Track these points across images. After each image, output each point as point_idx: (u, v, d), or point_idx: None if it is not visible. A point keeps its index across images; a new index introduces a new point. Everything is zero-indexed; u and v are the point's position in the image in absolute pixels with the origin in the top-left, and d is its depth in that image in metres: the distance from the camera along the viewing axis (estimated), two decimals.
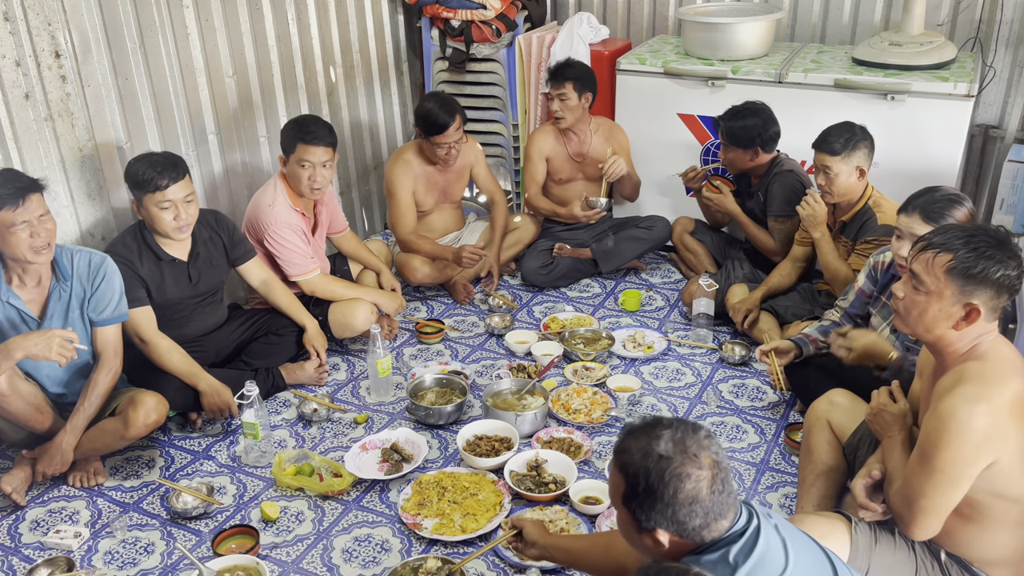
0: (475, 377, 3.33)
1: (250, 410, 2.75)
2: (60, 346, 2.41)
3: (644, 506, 1.46)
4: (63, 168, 3.02)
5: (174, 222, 2.85)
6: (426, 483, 2.66)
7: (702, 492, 1.44)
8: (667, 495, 1.43)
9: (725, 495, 1.46)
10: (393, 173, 3.81)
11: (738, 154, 3.54)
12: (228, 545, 2.46)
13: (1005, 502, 1.81)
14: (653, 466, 1.45)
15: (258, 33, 3.70)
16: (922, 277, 1.84)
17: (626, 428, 1.55)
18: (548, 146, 4.04)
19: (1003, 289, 1.79)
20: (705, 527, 1.45)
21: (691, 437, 1.48)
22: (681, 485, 1.43)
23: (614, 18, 4.70)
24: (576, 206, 3.97)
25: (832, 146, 3.04)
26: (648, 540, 1.50)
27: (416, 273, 3.84)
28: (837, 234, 3.21)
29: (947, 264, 1.80)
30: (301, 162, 3.24)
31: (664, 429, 1.49)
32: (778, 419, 3.02)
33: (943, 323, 1.84)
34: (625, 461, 1.49)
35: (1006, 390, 1.77)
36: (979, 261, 1.77)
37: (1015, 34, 3.90)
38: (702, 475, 1.44)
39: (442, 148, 3.68)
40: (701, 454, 1.46)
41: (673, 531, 1.46)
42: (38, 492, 2.72)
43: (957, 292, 1.80)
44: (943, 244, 1.82)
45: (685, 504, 1.43)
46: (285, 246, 3.30)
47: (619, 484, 1.51)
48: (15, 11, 2.76)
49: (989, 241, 1.80)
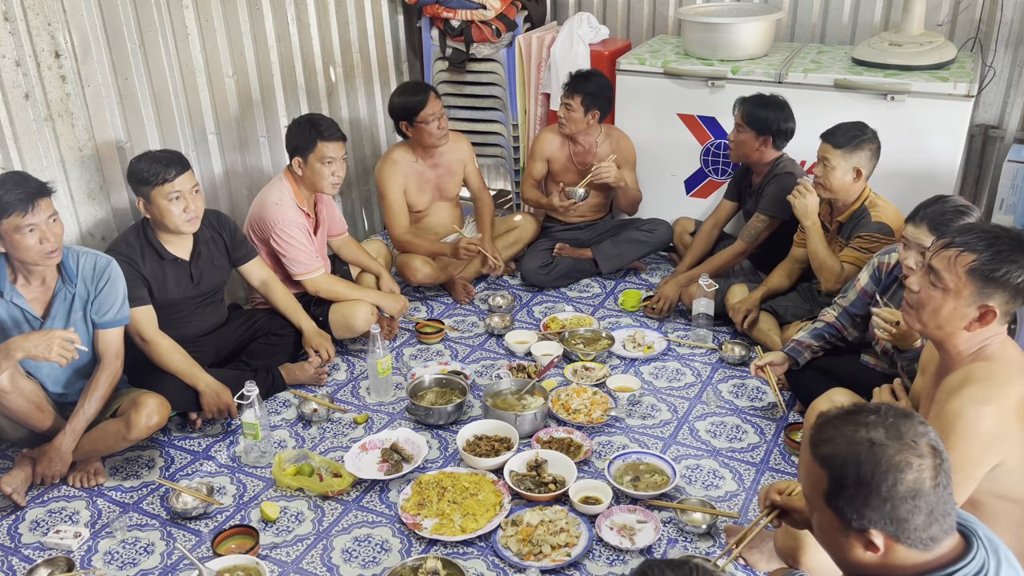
0: (475, 377, 3.33)
1: (250, 410, 2.75)
2: (60, 347, 2.41)
3: (855, 502, 1.27)
4: (63, 168, 3.02)
5: (184, 214, 2.85)
6: (426, 483, 2.66)
7: (925, 484, 1.25)
8: (884, 487, 1.24)
9: (948, 493, 1.28)
10: (382, 174, 3.82)
11: (749, 138, 3.51)
12: (228, 545, 2.46)
13: (1008, 503, 1.81)
14: (865, 454, 1.26)
15: (258, 33, 3.70)
16: (942, 274, 1.83)
17: (821, 417, 1.36)
18: (551, 148, 4.04)
19: (1020, 294, 1.78)
20: (927, 528, 1.27)
21: (905, 423, 1.29)
22: (901, 476, 1.24)
23: (614, 18, 4.70)
24: (555, 196, 3.96)
25: (837, 139, 3.05)
26: (858, 544, 1.30)
27: (416, 274, 3.84)
28: (834, 235, 3.21)
29: (969, 264, 1.79)
30: (324, 160, 3.27)
31: (871, 414, 1.31)
32: (778, 419, 3.02)
33: (956, 322, 1.83)
34: (828, 452, 1.30)
35: (1013, 392, 1.77)
36: (1002, 264, 1.77)
37: (1015, 34, 3.90)
38: (924, 464, 1.26)
39: (430, 124, 3.68)
40: (920, 441, 1.28)
41: (891, 532, 1.27)
42: (38, 492, 2.72)
43: (975, 293, 1.79)
44: (966, 244, 1.81)
45: (907, 498, 1.24)
46: (292, 244, 3.31)
47: (819, 480, 1.32)
48: (15, 11, 2.77)
49: (1013, 245, 1.79)
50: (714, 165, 4.10)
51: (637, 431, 2.98)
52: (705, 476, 2.73)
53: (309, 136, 3.26)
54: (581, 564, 2.38)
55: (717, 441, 2.91)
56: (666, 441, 2.92)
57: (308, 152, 3.28)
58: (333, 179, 3.32)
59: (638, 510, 2.53)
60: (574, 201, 3.94)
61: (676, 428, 2.99)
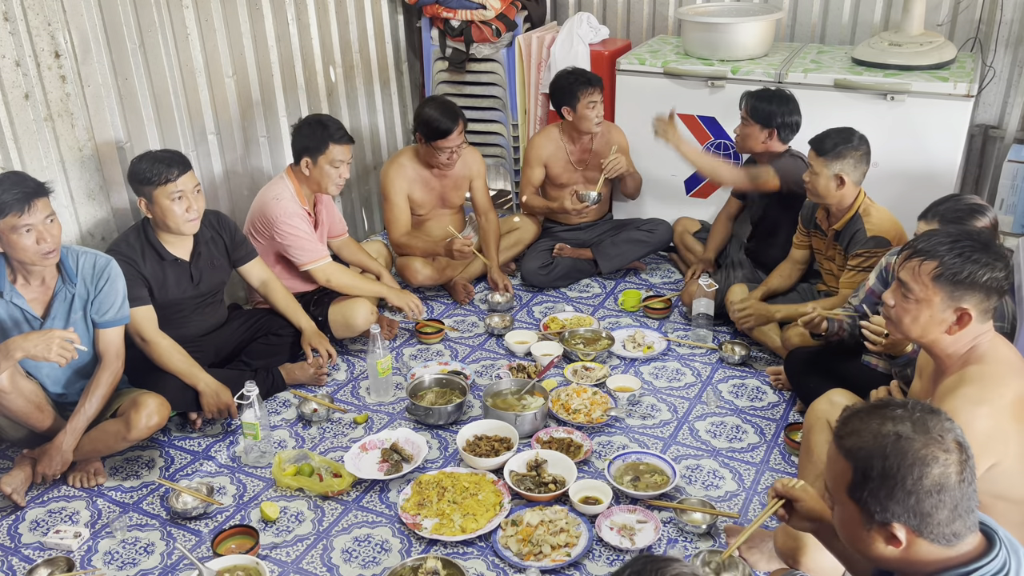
0: (475, 377, 3.33)
1: (250, 410, 2.75)
2: (60, 347, 2.40)
3: (879, 495, 1.27)
4: (63, 168, 3.02)
5: (187, 214, 2.86)
6: (426, 483, 2.66)
7: (951, 479, 1.25)
8: (909, 481, 1.24)
9: (972, 489, 1.27)
10: (388, 176, 3.83)
11: (754, 131, 3.49)
12: (228, 545, 2.46)
13: (1005, 503, 1.81)
14: (891, 447, 1.26)
15: (258, 33, 3.70)
16: (910, 285, 1.85)
17: (847, 411, 1.37)
18: (548, 151, 4.03)
19: (992, 291, 1.79)
20: (951, 523, 1.26)
21: (932, 418, 1.29)
22: (927, 470, 1.24)
23: (614, 18, 4.71)
24: (567, 199, 3.92)
25: (821, 145, 3.02)
26: (880, 538, 1.30)
27: (417, 275, 3.85)
28: (831, 241, 3.20)
29: (933, 271, 1.81)
30: (335, 162, 3.29)
31: (898, 408, 1.31)
32: (778, 419, 3.02)
33: (936, 328, 1.84)
34: (853, 444, 1.30)
35: (1007, 391, 1.78)
36: (965, 266, 1.78)
37: (1015, 34, 3.91)
38: (950, 459, 1.25)
39: (443, 153, 3.69)
40: (946, 436, 1.27)
41: (914, 526, 1.27)
42: (38, 492, 2.72)
43: (946, 298, 1.80)
44: (928, 251, 1.83)
45: (932, 492, 1.24)
46: (296, 235, 3.32)
47: (844, 472, 1.31)
48: (15, 11, 2.76)
49: (974, 245, 1.80)
50: None
51: (637, 431, 2.98)
52: (705, 476, 2.73)
53: (320, 137, 3.27)
54: (581, 564, 2.38)
55: (717, 441, 2.91)
56: (666, 441, 2.92)
57: (318, 153, 3.28)
58: (339, 180, 3.34)
59: (638, 510, 2.53)
60: (587, 204, 3.92)
61: (676, 428, 2.99)
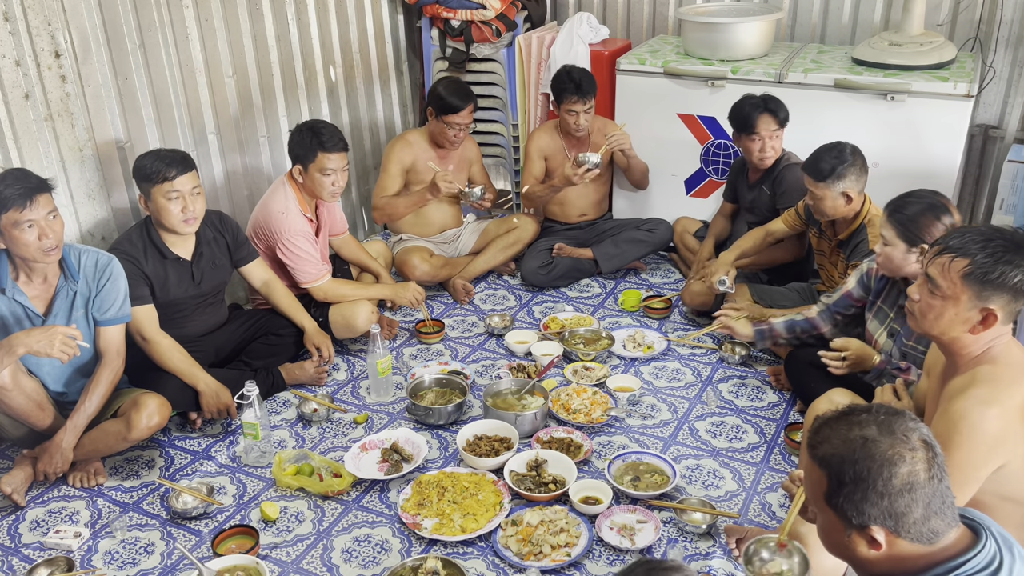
0: (475, 377, 3.33)
1: (250, 410, 2.75)
2: (62, 343, 2.41)
3: (854, 499, 1.28)
4: (63, 168, 3.02)
5: (181, 214, 2.85)
6: (426, 483, 2.66)
7: (919, 477, 1.27)
8: (879, 482, 1.26)
9: (944, 486, 1.29)
10: (392, 149, 3.90)
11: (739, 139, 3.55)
12: (228, 545, 2.46)
13: (1011, 504, 1.81)
14: (860, 451, 1.28)
15: (258, 33, 3.70)
16: (938, 281, 1.82)
17: (817, 420, 1.38)
18: (547, 145, 4.04)
19: (1020, 294, 1.77)
20: (926, 521, 1.28)
21: (897, 419, 1.32)
22: (895, 469, 1.26)
23: (614, 18, 4.70)
24: (567, 166, 3.86)
25: (818, 170, 2.97)
26: (861, 542, 1.32)
27: (415, 271, 3.86)
28: (835, 248, 3.20)
29: (964, 269, 1.77)
30: (325, 171, 3.26)
31: (863, 413, 1.33)
32: (778, 419, 3.02)
33: (959, 327, 1.82)
34: (825, 452, 1.32)
35: (1018, 393, 1.77)
36: (996, 266, 1.75)
37: (1015, 34, 3.90)
38: (917, 457, 1.28)
39: (452, 128, 3.78)
40: (911, 435, 1.30)
41: (890, 527, 1.28)
42: (38, 492, 2.72)
43: (974, 297, 1.78)
44: (960, 248, 1.79)
45: (903, 492, 1.26)
46: (299, 255, 3.32)
47: (819, 481, 1.33)
48: (15, 11, 2.76)
49: (1007, 245, 1.77)
50: (714, 165, 4.10)
51: (637, 431, 2.98)
52: (705, 476, 2.73)
53: (310, 145, 3.24)
54: (581, 564, 2.38)
55: (717, 441, 2.91)
56: (666, 441, 2.92)
57: (308, 162, 3.26)
58: (333, 188, 3.31)
59: (638, 510, 2.53)
60: (589, 168, 3.77)
61: (676, 428, 2.99)
